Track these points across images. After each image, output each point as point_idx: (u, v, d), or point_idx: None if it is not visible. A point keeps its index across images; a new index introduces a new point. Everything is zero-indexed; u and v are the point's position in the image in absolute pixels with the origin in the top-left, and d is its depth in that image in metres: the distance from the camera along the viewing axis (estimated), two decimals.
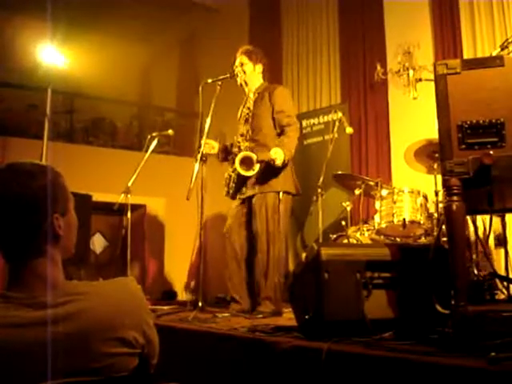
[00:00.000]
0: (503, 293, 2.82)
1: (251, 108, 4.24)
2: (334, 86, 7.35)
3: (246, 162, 3.85)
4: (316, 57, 7.61)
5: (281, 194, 4.03)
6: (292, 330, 2.55)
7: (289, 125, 4.12)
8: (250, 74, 4.29)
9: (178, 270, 7.69)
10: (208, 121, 4.11)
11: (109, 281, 1.36)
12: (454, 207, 2.02)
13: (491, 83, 2.05)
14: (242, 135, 4.23)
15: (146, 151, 5.17)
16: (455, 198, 2.03)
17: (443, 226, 3.23)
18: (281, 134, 4.12)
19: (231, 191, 4.20)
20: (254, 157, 3.84)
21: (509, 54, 2.54)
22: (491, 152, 1.97)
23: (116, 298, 1.32)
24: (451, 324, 2.00)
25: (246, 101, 4.35)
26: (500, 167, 1.98)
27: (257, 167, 3.84)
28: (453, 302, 2.02)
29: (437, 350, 1.90)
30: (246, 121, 4.21)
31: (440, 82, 2.09)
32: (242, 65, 4.28)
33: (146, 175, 5.22)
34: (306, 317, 2.35)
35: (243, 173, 3.84)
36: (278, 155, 3.86)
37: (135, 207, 6.60)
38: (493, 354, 1.60)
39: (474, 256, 3.18)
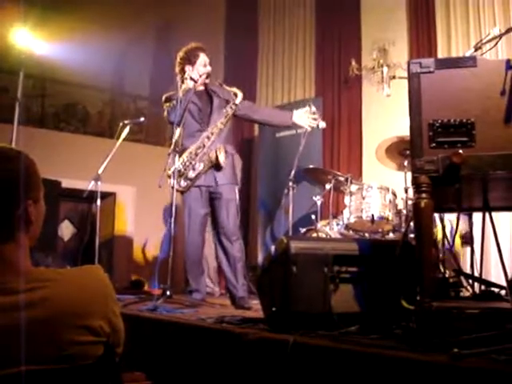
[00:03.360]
0: (468, 290, 2.86)
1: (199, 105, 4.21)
2: (309, 80, 7.37)
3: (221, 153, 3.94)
4: (292, 50, 7.63)
5: (236, 186, 4.17)
6: (259, 321, 2.57)
7: None
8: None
9: (146, 258, 7.67)
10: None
11: (76, 268, 1.35)
12: (423, 204, 2.04)
13: (463, 83, 2.08)
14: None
15: (118, 139, 5.12)
16: (424, 195, 2.05)
17: (411, 223, 3.27)
18: None
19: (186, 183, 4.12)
20: (223, 149, 3.98)
21: (482, 54, 2.57)
22: (461, 151, 2.00)
23: (83, 285, 1.30)
24: (415, 319, 2.03)
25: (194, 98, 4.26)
26: (469, 166, 2.01)
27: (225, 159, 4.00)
28: (418, 298, 2.06)
29: (401, 344, 1.92)
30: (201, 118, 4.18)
31: (413, 80, 2.11)
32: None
33: (117, 163, 5.17)
34: (273, 309, 2.36)
35: (222, 162, 3.90)
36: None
37: (105, 195, 6.55)
38: (455, 350, 1.63)
39: (440, 254, 3.22)
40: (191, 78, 4.14)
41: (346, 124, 6.80)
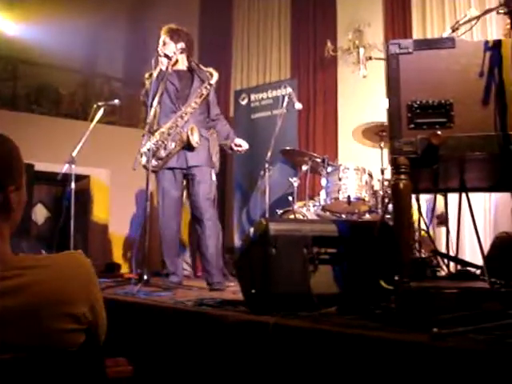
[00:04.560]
0: (444, 270, 2.90)
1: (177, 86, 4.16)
2: (284, 62, 7.35)
3: (193, 134, 3.91)
4: (267, 31, 7.59)
5: (213, 169, 4.16)
6: (239, 304, 2.57)
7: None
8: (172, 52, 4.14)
9: (121, 242, 7.62)
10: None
11: (58, 255, 1.32)
12: (402, 186, 2.05)
13: (442, 64, 2.08)
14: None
15: (92, 121, 5.04)
16: (403, 176, 2.06)
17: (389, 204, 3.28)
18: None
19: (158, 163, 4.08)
20: (197, 129, 3.95)
21: (459, 36, 2.57)
22: (439, 132, 2.01)
23: (65, 272, 1.28)
24: (395, 299, 2.05)
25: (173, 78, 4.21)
26: (448, 147, 2.01)
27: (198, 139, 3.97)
28: (396, 278, 2.07)
29: (381, 324, 1.94)
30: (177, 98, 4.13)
31: (392, 61, 2.10)
32: (164, 44, 4.18)
33: (91, 145, 5.08)
34: (253, 291, 2.36)
35: (194, 144, 3.86)
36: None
37: (79, 178, 6.44)
38: (435, 329, 1.64)
39: (417, 234, 3.26)
40: (166, 55, 4.08)
41: (322, 105, 6.80)
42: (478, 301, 1.96)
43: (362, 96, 6.28)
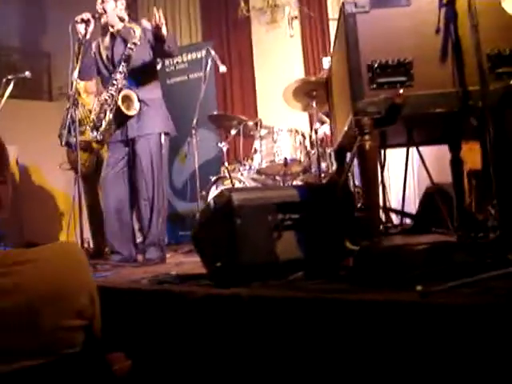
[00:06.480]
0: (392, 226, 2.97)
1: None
2: (195, 25, 7.18)
3: (127, 101, 3.70)
4: None
5: (162, 136, 3.87)
6: (199, 278, 2.50)
7: None
8: (112, 12, 3.94)
9: (37, 219, 7.28)
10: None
11: (49, 246, 1.21)
12: (367, 147, 2.05)
13: (399, 22, 2.07)
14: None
15: (2, 96, 4.70)
16: (367, 137, 2.06)
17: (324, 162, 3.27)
18: None
19: (103, 135, 3.89)
20: (134, 95, 3.73)
21: None
22: (401, 91, 2.01)
23: (62, 265, 1.18)
24: (367, 259, 2.05)
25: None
26: (410, 106, 2.03)
27: (137, 106, 3.71)
28: (365, 238, 2.08)
29: (356, 287, 1.95)
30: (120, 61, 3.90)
31: (349, 20, 2.08)
32: (102, 3, 3.92)
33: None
34: (218, 264, 2.30)
35: (127, 112, 3.68)
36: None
37: None
38: (419, 287, 1.65)
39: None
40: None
41: (238, 67, 6.73)
42: (447, 254, 2.01)
43: (278, 56, 6.27)
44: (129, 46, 3.79)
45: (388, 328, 1.68)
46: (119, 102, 3.71)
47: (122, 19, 3.89)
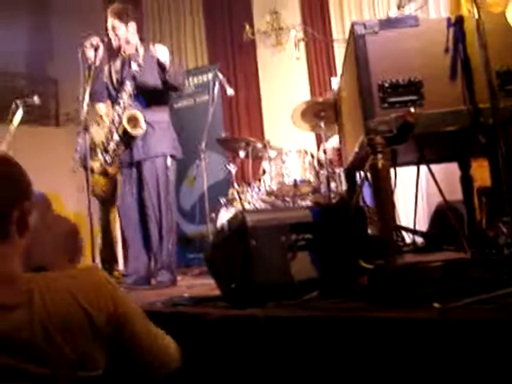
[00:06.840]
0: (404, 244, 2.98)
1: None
2: (200, 48, 7.25)
3: (133, 121, 3.72)
4: (179, 18, 7.45)
5: (169, 158, 3.88)
6: (214, 300, 2.51)
7: None
8: (123, 36, 3.98)
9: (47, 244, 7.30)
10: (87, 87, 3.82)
11: (74, 271, 1.23)
12: (380, 165, 2.06)
13: (408, 43, 2.10)
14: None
15: (11, 122, 4.73)
16: (380, 156, 2.07)
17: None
18: None
19: (112, 157, 3.90)
20: (140, 115, 3.75)
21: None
22: (413, 110, 2.04)
23: (87, 288, 1.19)
24: (383, 278, 2.06)
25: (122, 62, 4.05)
26: (421, 125, 2.05)
27: (144, 126, 3.73)
28: (380, 257, 2.09)
29: (373, 305, 1.95)
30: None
31: (359, 41, 2.10)
32: (113, 29, 3.97)
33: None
34: (233, 285, 2.31)
35: (132, 132, 3.69)
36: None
37: None
38: (436, 304, 1.65)
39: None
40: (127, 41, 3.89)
41: (244, 90, 6.79)
42: (463, 271, 2.01)
43: (284, 78, 6.33)
44: (133, 65, 3.82)
45: (406, 346, 1.67)
46: (124, 121, 3.71)
47: (132, 43, 3.92)
